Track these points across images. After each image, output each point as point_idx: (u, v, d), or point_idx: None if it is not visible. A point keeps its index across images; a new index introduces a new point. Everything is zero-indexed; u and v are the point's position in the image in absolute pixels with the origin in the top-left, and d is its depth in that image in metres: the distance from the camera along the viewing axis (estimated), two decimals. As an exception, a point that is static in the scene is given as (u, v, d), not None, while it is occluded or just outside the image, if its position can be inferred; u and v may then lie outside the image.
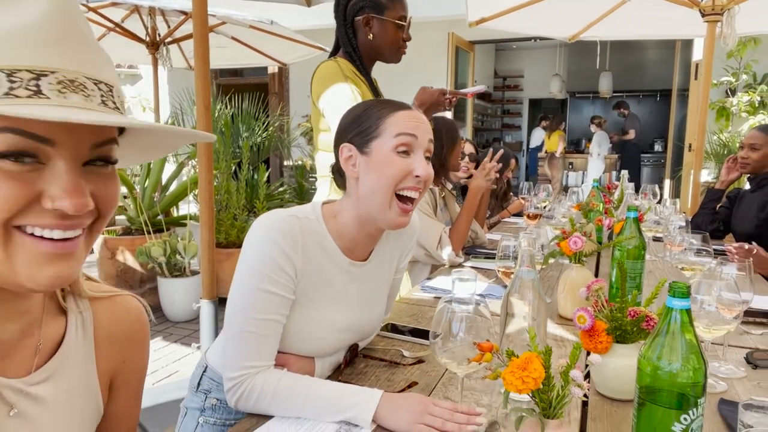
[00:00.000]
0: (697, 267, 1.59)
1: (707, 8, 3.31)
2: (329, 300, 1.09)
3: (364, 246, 1.13)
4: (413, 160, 1.05)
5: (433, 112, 1.76)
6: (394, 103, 1.09)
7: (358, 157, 1.05)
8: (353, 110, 1.11)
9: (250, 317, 0.99)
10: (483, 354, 0.78)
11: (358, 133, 1.06)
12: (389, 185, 1.04)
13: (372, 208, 1.05)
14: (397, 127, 1.04)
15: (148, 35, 4.99)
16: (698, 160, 3.65)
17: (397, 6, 1.70)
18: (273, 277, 0.99)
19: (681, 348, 0.76)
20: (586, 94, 11.05)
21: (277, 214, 1.04)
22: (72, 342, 0.68)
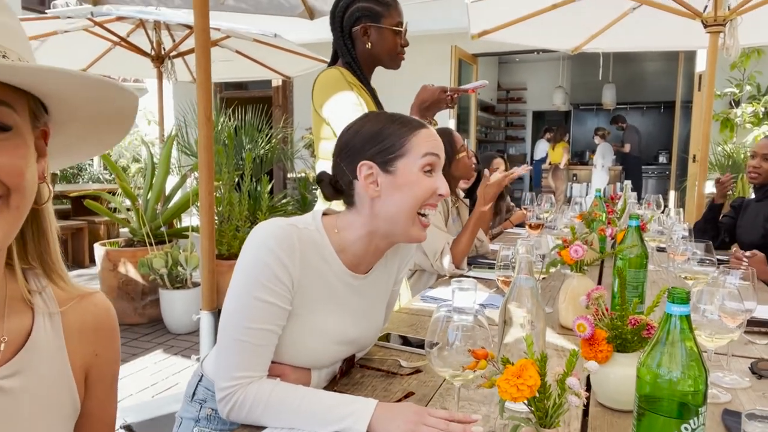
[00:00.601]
0: (700, 276, 1.56)
1: (709, 19, 3.31)
2: (329, 311, 1.07)
3: (368, 261, 1.12)
4: (436, 178, 1.05)
5: (435, 110, 1.75)
6: (412, 121, 1.08)
7: (380, 176, 1.03)
8: (367, 126, 1.07)
9: (243, 326, 0.98)
10: (477, 361, 0.76)
11: (380, 151, 1.03)
12: (415, 205, 1.04)
13: (394, 226, 1.05)
14: (424, 146, 1.03)
15: (153, 49, 5.04)
16: (702, 172, 3.63)
17: (393, 13, 1.70)
18: (269, 285, 0.98)
19: (681, 355, 0.74)
20: (590, 106, 11.06)
21: (276, 222, 1.03)
22: (41, 336, 0.68)
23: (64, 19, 4.57)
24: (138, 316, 4.07)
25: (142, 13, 4.41)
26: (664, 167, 9.81)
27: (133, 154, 7.55)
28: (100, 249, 4.06)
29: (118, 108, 0.65)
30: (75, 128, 0.67)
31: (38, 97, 0.61)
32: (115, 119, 0.67)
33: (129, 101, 0.63)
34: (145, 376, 3.18)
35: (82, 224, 5.91)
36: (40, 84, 0.58)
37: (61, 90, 0.60)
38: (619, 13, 3.94)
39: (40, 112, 0.63)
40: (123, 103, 0.64)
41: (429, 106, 1.70)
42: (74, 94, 0.61)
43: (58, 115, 0.64)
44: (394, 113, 1.12)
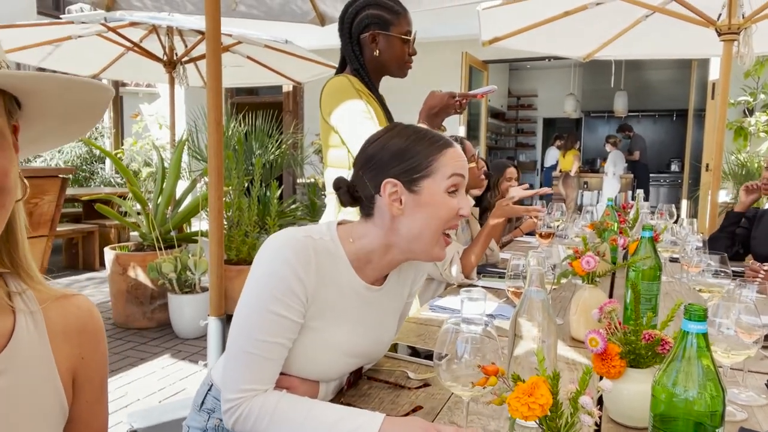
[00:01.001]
0: (715, 289, 1.53)
1: (723, 27, 3.27)
2: (341, 324, 1.06)
3: (382, 272, 1.10)
4: (459, 198, 1.04)
5: (443, 116, 1.72)
6: (440, 139, 1.06)
7: (404, 195, 1.01)
8: (394, 141, 1.05)
9: (254, 338, 0.96)
10: (487, 378, 0.74)
11: (406, 170, 1.02)
12: (441, 226, 1.03)
13: (416, 245, 1.04)
14: (450, 167, 1.02)
15: (166, 54, 5.07)
16: (716, 180, 3.59)
17: (402, 21, 1.69)
18: (283, 299, 0.96)
19: (697, 374, 0.72)
20: (601, 113, 11.01)
21: (291, 233, 1.01)
22: (23, 338, 0.67)
23: (78, 24, 4.62)
24: (146, 320, 4.08)
25: (154, 18, 4.45)
26: (676, 176, 9.73)
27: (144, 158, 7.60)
28: (110, 253, 4.08)
29: (92, 102, 0.65)
30: (45, 122, 0.67)
31: (14, 95, 0.62)
32: (86, 112, 0.68)
33: (103, 96, 0.64)
34: (152, 381, 3.18)
35: (93, 228, 5.95)
36: (21, 85, 0.59)
37: (42, 89, 0.61)
38: (631, 20, 3.91)
39: (13, 108, 0.63)
40: (96, 97, 0.64)
41: (437, 112, 1.68)
42: (52, 92, 0.62)
43: (32, 110, 0.64)
44: (421, 128, 1.10)
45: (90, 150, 7.49)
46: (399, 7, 1.71)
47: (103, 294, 4.91)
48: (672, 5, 3.42)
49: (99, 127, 8.05)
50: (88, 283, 5.44)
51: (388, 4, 1.69)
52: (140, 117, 8.03)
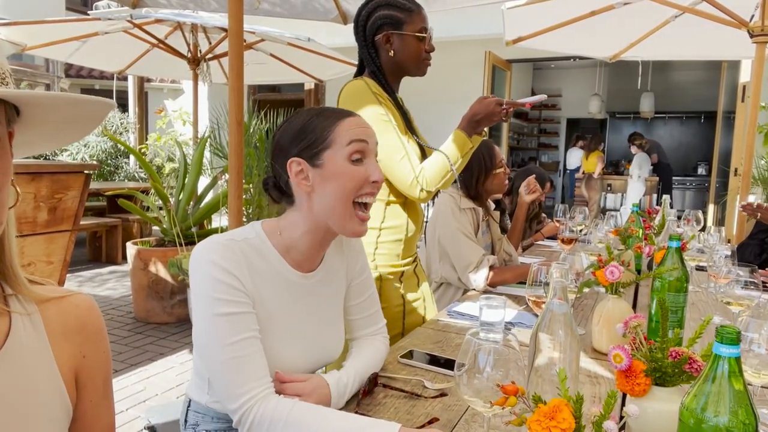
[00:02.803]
0: (744, 302, 1.48)
1: (756, 29, 3.18)
2: (285, 315, 1.06)
3: (313, 256, 1.11)
4: (367, 165, 1.05)
5: (486, 123, 1.66)
6: (335, 111, 1.08)
7: (310, 171, 1.03)
8: (293, 123, 1.08)
9: (222, 346, 0.95)
10: (507, 397, 0.72)
11: (307, 146, 1.04)
12: (348, 196, 1.04)
13: (331, 220, 1.05)
14: (347, 134, 1.03)
15: (190, 51, 5.12)
16: (745, 186, 3.49)
17: (415, 19, 1.64)
18: (225, 298, 0.96)
19: (729, 400, 0.69)
20: (627, 114, 10.82)
21: (213, 239, 1.02)
22: (20, 340, 0.66)
23: (105, 20, 4.68)
24: (166, 315, 4.12)
25: (179, 16, 4.49)
26: (702, 179, 9.52)
27: (168, 153, 7.68)
28: (132, 248, 4.12)
29: (91, 114, 0.66)
30: (42, 128, 0.67)
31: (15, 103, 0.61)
32: (84, 122, 0.68)
33: (103, 110, 0.64)
34: (171, 376, 3.21)
35: (116, 222, 6.03)
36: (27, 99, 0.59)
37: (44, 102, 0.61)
38: (660, 21, 3.82)
39: (12, 116, 0.63)
40: (96, 111, 0.64)
41: (481, 119, 1.62)
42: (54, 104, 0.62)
43: (30, 118, 0.63)
44: (323, 107, 1.12)
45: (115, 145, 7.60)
46: (411, 5, 1.66)
47: (125, 288, 4.98)
48: (702, 5, 3.33)
49: (124, 122, 8.16)
50: (110, 276, 5.52)
51: (400, 3, 1.65)
52: (164, 113, 8.12)
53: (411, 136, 1.65)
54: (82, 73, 9.81)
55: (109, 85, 9.60)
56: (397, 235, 1.66)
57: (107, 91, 9.93)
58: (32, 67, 8.31)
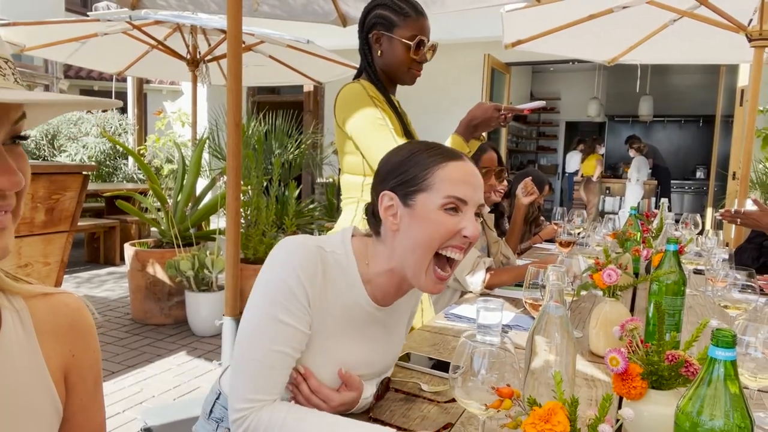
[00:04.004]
0: (741, 306, 1.48)
1: (755, 33, 3.18)
2: (346, 338, 1.03)
3: (390, 296, 1.06)
4: (462, 217, 0.96)
5: (484, 129, 1.65)
6: (443, 150, 1.00)
7: (400, 209, 0.97)
8: (395, 154, 1.02)
9: (261, 346, 0.94)
10: (502, 400, 0.71)
11: (402, 182, 0.97)
12: (432, 244, 0.96)
13: (408, 266, 0.98)
14: (447, 186, 0.95)
15: (189, 53, 5.12)
16: (743, 189, 3.49)
17: (410, 24, 1.61)
18: (288, 306, 0.94)
19: (724, 403, 0.68)
20: (626, 117, 10.83)
21: (302, 241, 0.98)
22: (10, 336, 0.66)
23: (104, 21, 4.68)
24: (164, 317, 4.11)
25: (179, 17, 4.49)
26: (701, 182, 9.53)
27: (167, 155, 7.67)
28: (130, 249, 4.12)
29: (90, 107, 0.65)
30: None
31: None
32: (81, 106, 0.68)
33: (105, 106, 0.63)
34: (168, 378, 3.20)
35: (114, 223, 6.02)
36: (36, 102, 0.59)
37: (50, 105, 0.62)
38: (658, 25, 3.83)
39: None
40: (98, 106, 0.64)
41: (478, 124, 1.61)
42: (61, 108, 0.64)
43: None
44: (431, 142, 1.04)
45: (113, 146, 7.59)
46: (409, 10, 1.63)
47: (122, 289, 4.97)
48: (701, 10, 3.34)
49: (123, 124, 8.16)
50: (108, 277, 5.51)
51: (398, 6, 1.62)
52: (163, 114, 8.12)
53: (407, 140, 1.65)
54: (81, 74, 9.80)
55: (108, 86, 9.59)
56: None
57: (106, 92, 9.93)
58: (31, 68, 8.31)
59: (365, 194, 1.63)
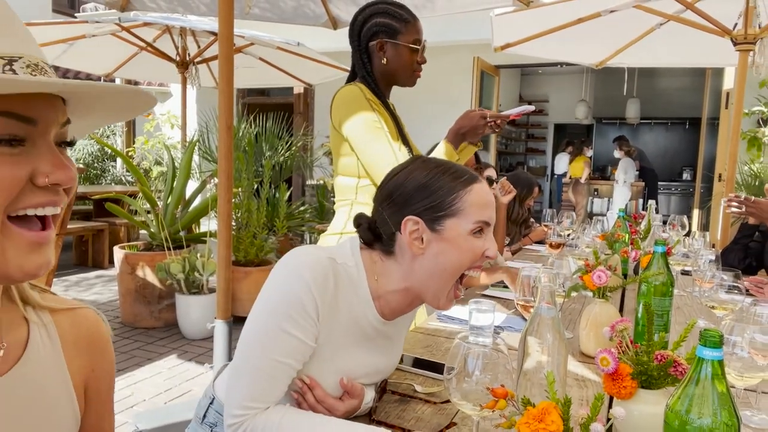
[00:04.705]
0: (728, 306, 1.51)
1: (739, 37, 3.24)
2: (351, 350, 1.03)
3: (398, 312, 1.07)
4: (485, 239, 0.99)
5: (471, 137, 1.68)
6: (462, 172, 1.00)
7: (426, 233, 0.97)
8: (415, 175, 1.00)
9: (265, 356, 0.94)
10: (497, 401, 0.73)
11: (428, 207, 0.97)
12: (460, 269, 0.98)
13: (428, 287, 0.99)
14: (476, 211, 0.97)
15: (179, 55, 5.09)
16: (728, 191, 3.54)
17: (411, 29, 1.67)
18: (297, 319, 0.93)
19: (712, 402, 0.70)
20: (613, 120, 10.93)
21: (315, 253, 0.98)
22: (38, 348, 0.67)
23: (93, 23, 4.65)
24: (154, 320, 4.09)
25: (168, 19, 4.47)
26: (687, 184, 9.64)
27: (156, 157, 7.63)
28: (119, 252, 4.09)
29: (134, 108, 0.67)
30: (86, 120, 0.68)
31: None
32: (124, 114, 0.69)
33: (147, 103, 0.65)
34: (158, 381, 3.19)
35: (103, 226, 5.98)
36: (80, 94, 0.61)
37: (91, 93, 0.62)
38: (645, 28, 3.88)
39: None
40: (140, 103, 0.65)
41: (465, 132, 1.64)
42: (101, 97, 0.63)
43: (75, 111, 0.64)
44: (445, 162, 1.04)
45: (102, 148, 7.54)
46: (408, 16, 1.69)
47: (111, 292, 4.93)
48: (687, 14, 3.39)
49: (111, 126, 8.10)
50: (97, 281, 5.47)
51: (397, 13, 1.67)
52: (152, 116, 8.07)
53: (402, 143, 1.66)
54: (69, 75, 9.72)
55: (96, 88, 9.50)
56: None
57: (94, 93, 9.83)
58: (18, 70, 8.21)
59: (359, 196, 1.65)
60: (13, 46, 0.54)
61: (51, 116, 0.57)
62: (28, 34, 0.58)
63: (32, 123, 0.55)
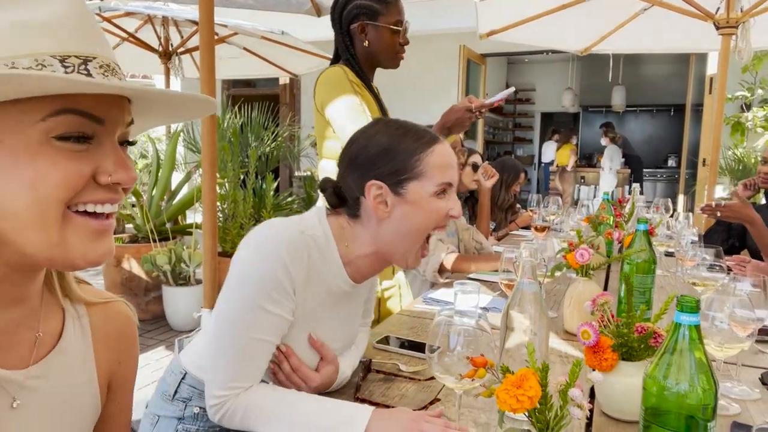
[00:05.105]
0: (709, 283, 1.53)
1: (722, 21, 3.26)
2: (323, 319, 1.04)
3: (367, 275, 1.09)
4: (449, 199, 1.01)
5: (458, 130, 1.66)
6: (423, 134, 1.01)
7: (390, 197, 0.98)
8: (377, 139, 1.01)
9: (242, 335, 0.94)
10: (476, 370, 0.73)
11: (391, 171, 0.97)
12: (425, 230, 1.00)
13: (395, 249, 1.01)
14: (438, 173, 0.98)
15: (161, 45, 5.03)
16: (712, 176, 3.58)
17: (392, 11, 1.65)
18: (275, 296, 0.93)
19: (689, 367, 0.71)
20: (599, 108, 10.98)
21: (286, 227, 0.98)
22: (71, 339, 0.69)
23: (73, 14, 4.57)
24: (141, 313, 4.06)
25: (149, 8, 4.41)
26: (673, 171, 9.72)
27: (140, 149, 7.55)
28: (105, 244, 4.05)
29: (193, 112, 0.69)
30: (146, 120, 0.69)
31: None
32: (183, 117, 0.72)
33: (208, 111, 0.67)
34: (146, 373, 3.17)
35: (87, 219, 5.91)
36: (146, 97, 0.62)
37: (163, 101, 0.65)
38: (629, 14, 3.89)
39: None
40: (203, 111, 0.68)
41: (451, 126, 1.63)
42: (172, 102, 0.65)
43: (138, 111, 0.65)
44: (405, 123, 1.04)
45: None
46: None
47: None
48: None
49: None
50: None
51: None
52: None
53: None
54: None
55: (79, 81, 9.38)
56: None
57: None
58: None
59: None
60: (89, 46, 0.56)
61: (118, 116, 0.59)
62: (102, 34, 0.60)
63: (101, 122, 0.57)
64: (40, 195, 0.54)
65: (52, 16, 0.54)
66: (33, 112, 0.53)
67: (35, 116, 0.53)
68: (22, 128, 0.53)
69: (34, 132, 0.53)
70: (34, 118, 0.53)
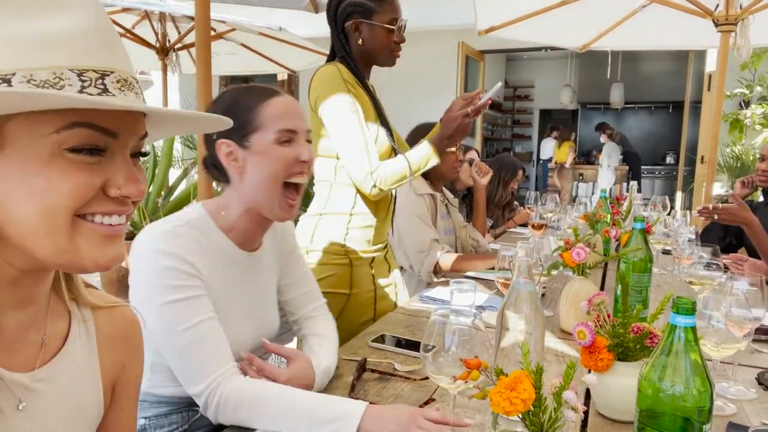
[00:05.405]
0: (706, 281, 1.52)
1: (721, 18, 3.25)
2: (229, 294, 1.08)
3: (253, 237, 1.13)
4: (296, 146, 1.06)
5: (460, 136, 1.64)
6: (262, 90, 1.08)
7: (239, 152, 1.05)
8: (218, 103, 1.09)
9: (180, 331, 0.96)
10: (470, 372, 0.72)
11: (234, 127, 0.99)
12: (277, 177, 1.05)
13: (260, 201, 1.06)
14: (275, 121, 1.04)
15: (158, 41, 5.01)
16: (711, 173, 3.57)
17: (386, 9, 1.62)
18: (178, 284, 0.97)
19: (685, 369, 0.70)
20: (598, 105, 10.97)
21: (155, 228, 1.02)
22: (76, 342, 0.69)
23: (69, 9, 4.55)
24: (138, 309, 4.06)
25: (147, 4, 4.39)
26: (671, 168, 9.72)
27: (137, 146, 7.53)
28: (101, 241, 4.05)
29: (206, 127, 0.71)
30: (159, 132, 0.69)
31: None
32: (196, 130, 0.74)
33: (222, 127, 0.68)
34: (143, 370, 3.16)
35: (85, 216, 5.90)
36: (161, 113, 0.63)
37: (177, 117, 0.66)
38: (628, 11, 3.88)
39: None
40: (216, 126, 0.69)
41: (452, 134, 1.59)
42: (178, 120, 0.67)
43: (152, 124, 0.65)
44: (250, 84, 1.12)
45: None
46: None
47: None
48: (669, -5, 3.39)
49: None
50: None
51: None
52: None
53: (380, 125, 1.64)
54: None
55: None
56: (368, 221, 1.66)
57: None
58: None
59: (338, 177, 1.64)
60: (107, 61, 0.56)
61: (131, 130, 0.59)
62: (122, 46, 0.60)
63: (114, 136, 0.57)
64: (49, 203, 0.54)
65: (73, 28, 0.55)
66: (47, 123, 0.54)
67: (49, 128, 0.54)
68: (36, 139, 0.54)
69: (47, 143, 0.54)
70: (47, 129, 0.54)
